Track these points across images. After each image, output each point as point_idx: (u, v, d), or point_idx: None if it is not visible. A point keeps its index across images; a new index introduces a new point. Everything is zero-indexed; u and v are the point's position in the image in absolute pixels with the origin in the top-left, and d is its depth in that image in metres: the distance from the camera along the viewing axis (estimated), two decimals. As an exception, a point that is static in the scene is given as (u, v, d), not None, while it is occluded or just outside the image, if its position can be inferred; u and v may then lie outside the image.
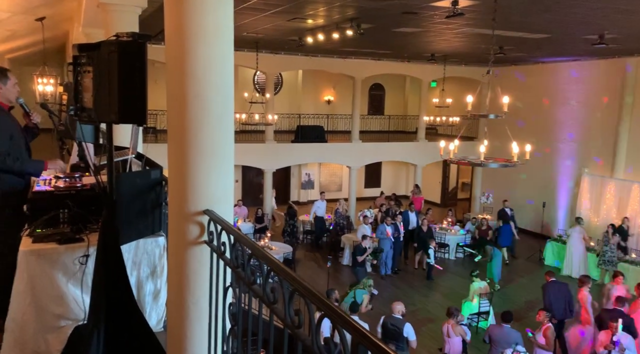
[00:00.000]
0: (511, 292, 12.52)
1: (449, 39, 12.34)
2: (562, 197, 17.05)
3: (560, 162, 17.03)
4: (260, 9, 9.00)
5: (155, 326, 3.48)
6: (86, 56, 2.72)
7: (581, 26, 9.91)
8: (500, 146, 12.39)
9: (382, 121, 21.92)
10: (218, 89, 2.54)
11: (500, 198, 17.29)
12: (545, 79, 17.44)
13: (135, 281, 3.38)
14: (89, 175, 4.06)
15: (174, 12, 2.50)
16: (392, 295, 12.21)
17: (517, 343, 7.68)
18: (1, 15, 8.09)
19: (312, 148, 17.98)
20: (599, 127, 15.75)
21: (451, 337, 8.10)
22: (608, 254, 12.87)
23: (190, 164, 2.53)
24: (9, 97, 3.59)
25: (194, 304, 2.58)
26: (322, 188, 20.48)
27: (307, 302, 1.63)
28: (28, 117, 3.78)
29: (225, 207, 2.62)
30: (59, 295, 3.08)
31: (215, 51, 2.51)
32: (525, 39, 11.62)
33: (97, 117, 2.69)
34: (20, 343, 3.00)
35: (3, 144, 3.40)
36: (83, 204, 3.37)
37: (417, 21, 9.82)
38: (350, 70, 18.12)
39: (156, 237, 3.46)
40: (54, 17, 9.13)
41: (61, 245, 3.10)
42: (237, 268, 2.24)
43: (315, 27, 10.92)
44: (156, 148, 6.33)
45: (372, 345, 1.32)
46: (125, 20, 5.96)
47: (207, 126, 2.53)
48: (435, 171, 21.93)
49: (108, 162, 2.89)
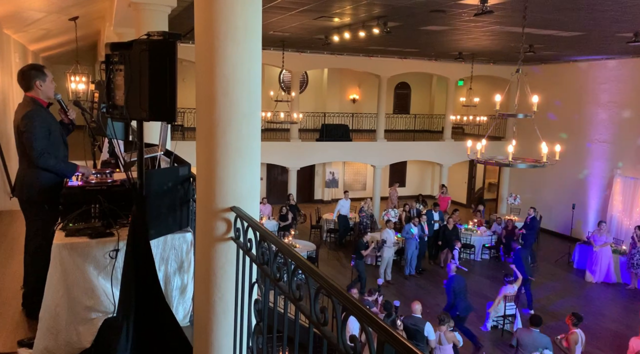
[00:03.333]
0: (539, 295, 12.28)
1: (477, 37, 12.16)
2: (593, 198, 16.62)
3: (592, 163, 16.60)
4: (287, 7, 9.03)
5: (182, 320, 3.54)
6: (118, 55, 2.78)
7: (615, 24, 9.63)
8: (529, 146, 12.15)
9: (407, 120, 21.76)
10: (246, 88, 2.56)
11: (527, 199, 16.98)
12: (577, 78, 17.01)
13: (163, 275, 3.44)
14: (119, 171, 4.16)
15: (203, 11, 2.54)
16: (416, 295, 12.13)
17: (546, 347, 7.53)
18: (36, 15, 8.32)
19: (336, 147, 17.96)
20: (632, 127, 15.28)
21: (443, 344, 7.86)
22: (636, 257, 12.51)
23: (218, 162, 2.57)
24: (49, 94, 3.67)
25: (220, 300, 2.61)
26: (346, 187, 20.45)
27: (332, 299, 1.63)
28: (64, 113, 3.87)
29: (252, 204, 2.65)
30: (90, 288, 3.16)
31: (244, 50, 2.54)
32: (557, 37, 11.36)
33: (128, 115, 2.75)
34: (54, 333, 3.09)
35: (42, 142, 3.49)
36: (113, 200, 3.45)
37: (445, 19, 9.70)
38: (376, 68, 18.03)
39: (184, 233, 3.52)
40: (87, 17, 9.35)
41: (92, 239, 3.18)
42: (263, 264, 2.26)
43: (342, 25, 10.89)
44: (184, 146, 6.42)
45: (398, 344, 1.32)
46: (156, 19, 6.08)
47: (234, 124, 2.56)
48: (462, 171, 21.65)
49: (138, 159, 2.95)
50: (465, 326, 9.61)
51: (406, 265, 13.30)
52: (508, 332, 10.03)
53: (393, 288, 12.45)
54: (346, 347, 1.52)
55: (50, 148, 3.55)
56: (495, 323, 10.50)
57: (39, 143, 3.47)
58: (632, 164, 15.29)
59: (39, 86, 3.60)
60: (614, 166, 15.79)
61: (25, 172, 3.60)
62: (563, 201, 16.87)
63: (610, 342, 9.96)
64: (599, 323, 10.94)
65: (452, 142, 19.19)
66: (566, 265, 14.67)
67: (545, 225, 17.58)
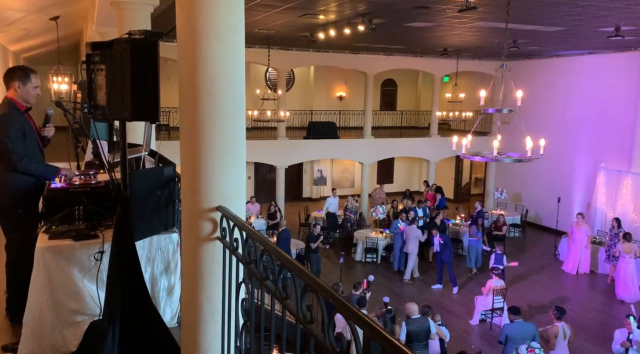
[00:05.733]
0: (525, 288, 12.43)
1: (461, 34, 12.23)
2: (578, 192, 16.83)
3: (576, 157, 16.81)
4: (271, 5, 8.99)
5: (169, 321, 3.52)
6: (99, 54, 2.74)
7: (596, 19, 9.75)
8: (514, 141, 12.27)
9: (394, 117, 21.82)
10: (229, 86, 2.55)
11: (513, 193, 17.12)
12: (560, 73, 17.20)
13: (149, 277, 3.42)
14: (103, 172, 4.11)
15: (185, 9, 2.52)
16: (407, 291, 12.21)
17: (534, 335, 7.60)
18: (16, 15, 8.19)
19: (324, 144, 17.96)
20: (615, 121, 15.50)
21: (431, 339, 7.84)
22: (612, 249, 12.82)
23: (202, 161, 2.55)
24: (27, 98, 3.61)
25: (207, 300, 2.60)
26: (335, 184, 20.46)
27: (319, 297, 1.63)
28: (43, 128, 3.81)
29: (238, 203, 2.63)
30: (75, 291, 3.13)
31: (227, 48, 2.52)
32: (540, 32, 11.46)
33: (111, 115, 2.72)
34: (38, 338, 3.06)
35: (20, 146, 3.43)
36: (98, 201, 3.41)
37: (429, 15, 9.74)
38: (362, 65, 18.05)
39: (170, 234, 3.49)
40: (68, 16, 9.22)
41: (77, 241, 3.15)
42: (250, 263, 2.25)
43: (327, 22, 10.88)
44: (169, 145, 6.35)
45: (384, 341, 1.32)
46: (138, 18, 6.02)
47: (218, 123, 2.54)
48: (449, 166, 21.79)
49: (122, 160, 2.92)
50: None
51: (395, 261, 13.36)
52: (497, 326, 10.13)
53: (383, 285, 12.49)
54: (332, 344, 1.52)
55: (28, 152, 3.50)
56: (483, 317, 10.60)
57: (17, 147, 3.41)
58: (615, 157, 15.51)
59: (16, 88, 3.54)
60: (598, 159, 16.01)
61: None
62: (549, 194, 17.06)
63: (595, 333, 10.11)
64: (585, 314, 11.10)
65: (438, 138, 19.30)
66: (552, 258, 14.85)
67: (532, 218, 17.79)
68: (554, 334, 7.80)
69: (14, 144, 3.40)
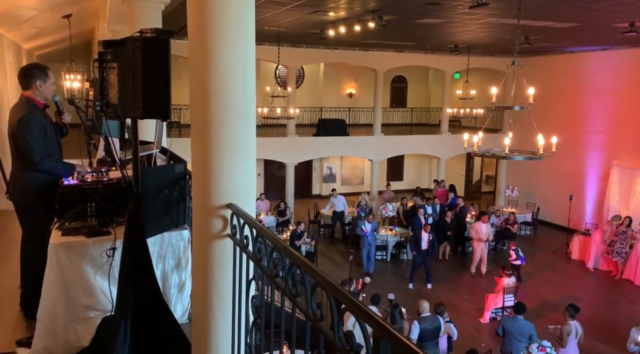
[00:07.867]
0: (537, 286, 12.33)
1: (472, 30, 12.13)
2: (590, 189, 16.65)
3: (589, 154, 16.62)
4: (281, 2, 8.99)
5: (180, 317, 3.54)
6: (111, 52, 2.76)
7: (610, 14, 9.62)
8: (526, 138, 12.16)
9: (404, 114, 21.71)
10: (240, 83, 2.55)
11: (525, 191, 16.94)
12: (573, 69, 17.00)
13: (160, 273, 3.44)
14: (115, 169, 4.15)
15: (196, 7, 2.52)
16: (416, 290, 12.17)
17: (531, 335, 7.58)
18: (29, 13, 8.27)
19: (333, 141, 17.94)
20: (629, 118, 15.30)
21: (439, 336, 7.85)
22: (617, 245, 12.82)
23: (213, 159, 2.56)
24: (46, 95, 3.66)
25: (218, 297, 2.62)
26: (344, 182, 20.43)
27: (328, 295, 1.63)
28: (60, 116, 3.85)
29: (248, 200, 2.65)
30: (87, 287, 3.16)
31: (237, 46, 2.52)
32: (552, 28, 11.34)
33: (122, 113, 2.74)
34: (52, 333, 3.09)
35: (41, 146, 3.48)
36: (110, 198, 3.45)
37: (440, 12, 9.67)
38: (372, 62, 17.98)
39: (181, 231, 3.52)
40: (80, 14, 9.30)
41: (89, 238, 3.18)
42: (260, 261, 2.26)
43: (337, 19, 10.85)
44: (180, 142, 6.40)
45: (393, 339, 1.32)
46: (149, 16, 6.05)
47: (229, 121, 2.55)
48: (459, 164, 21.66)
49: (133, 157, 2.94)
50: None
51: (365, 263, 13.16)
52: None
53: (392, 284, 12.46)
54: (342, 342, 1.53)
55: (48, 151, 3.54)
56: (494, 315, 10.55)
57: (39, 148, 3.46)
58: (629, 154, 15.32)
59: (38, 86, 3.58)
60: (611, 156, 15.82)
61: (17, 174, 3.59)
62: (560, 192, 16.90)
63: (607, 331, 10.00)
64: (598, 313, 11.00)
65: (449, 135, 19.18)
66: (564, 256, 14.72)
67: (543, 216, 17.64)
68: (566, 332, 7.76)
69: (37, 145, 3.45)
